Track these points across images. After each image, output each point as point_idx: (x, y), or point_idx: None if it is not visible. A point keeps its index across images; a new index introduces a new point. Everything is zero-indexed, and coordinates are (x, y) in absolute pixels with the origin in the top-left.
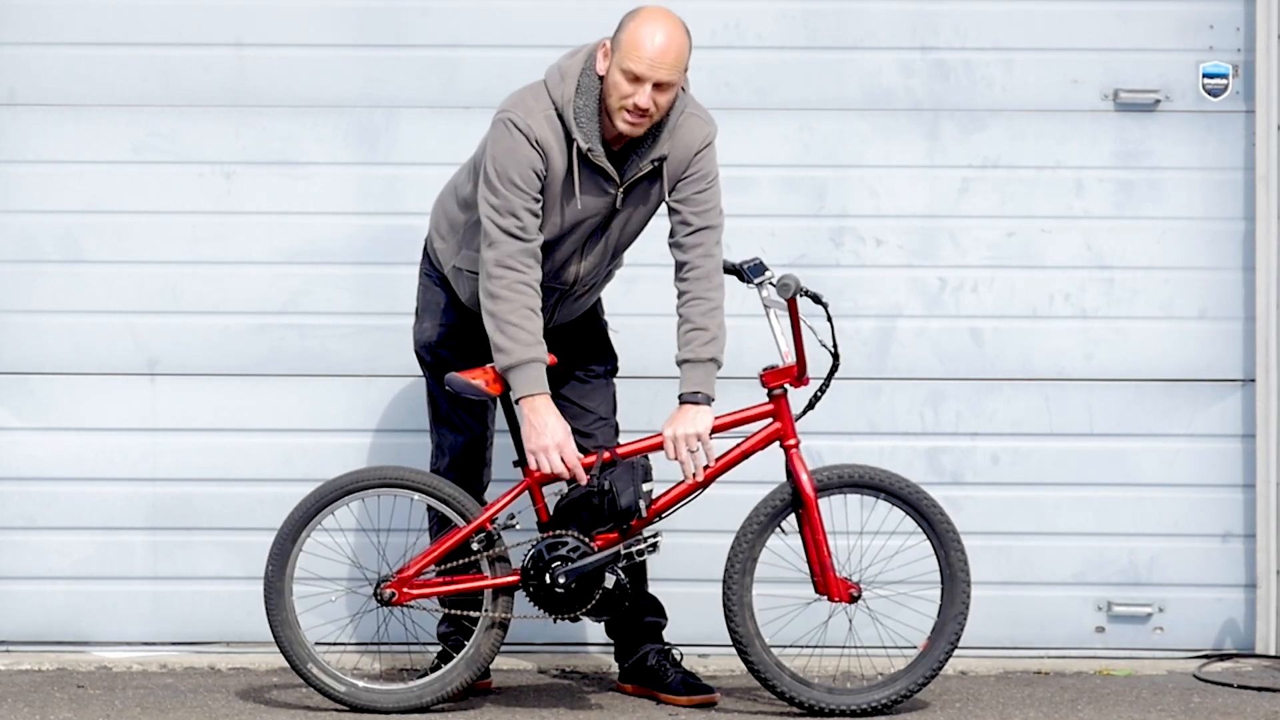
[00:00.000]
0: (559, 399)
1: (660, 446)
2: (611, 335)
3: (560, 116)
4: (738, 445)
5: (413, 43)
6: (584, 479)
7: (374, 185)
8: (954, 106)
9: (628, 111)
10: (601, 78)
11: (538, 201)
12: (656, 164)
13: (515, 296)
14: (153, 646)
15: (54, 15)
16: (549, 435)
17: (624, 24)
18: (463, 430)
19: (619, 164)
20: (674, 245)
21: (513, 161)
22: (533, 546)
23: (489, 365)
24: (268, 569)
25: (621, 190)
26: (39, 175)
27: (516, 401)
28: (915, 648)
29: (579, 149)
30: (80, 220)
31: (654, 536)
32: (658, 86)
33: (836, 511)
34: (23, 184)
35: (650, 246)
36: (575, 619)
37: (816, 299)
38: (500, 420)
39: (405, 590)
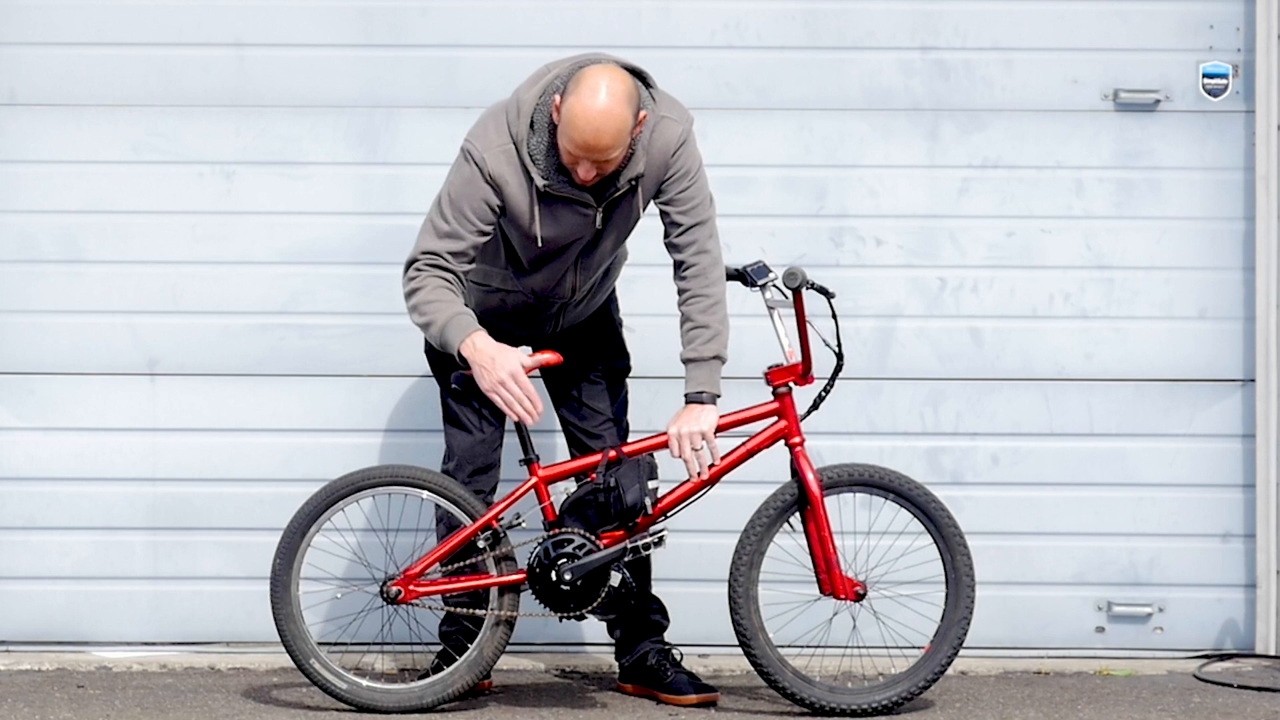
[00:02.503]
0: (568, 399)
1: (665, 445)
2: (626, 334)
3: (518, 150)
4: (743, 444)
5: (413, 43)
6: (534, 413)
7: (374, 185)
8: (954, 106)
9: (577, 170)
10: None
11: (485, 235)
12: (634, 182)
13: (435, 284)
14: (153, 646)
15: (54, 15)
16: (499, 367)
17: (568, 90)
18: (469, 429)
19: (594, 187)
20: (669, 245)
21: (467, 193)
22: (539, 544)
23: None
24: (275, 562)
25: (600, 211)
26: (39, 175)
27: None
28: (918, 649)
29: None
30: (80, 220)
31: (659, 530)
32: (599, 161)
33: (837, 512)
34: (23, 184)
35: (650, 246)
36: (581, 617)
37: (823, 291)
38: (507, 420)
39: (411, 588)
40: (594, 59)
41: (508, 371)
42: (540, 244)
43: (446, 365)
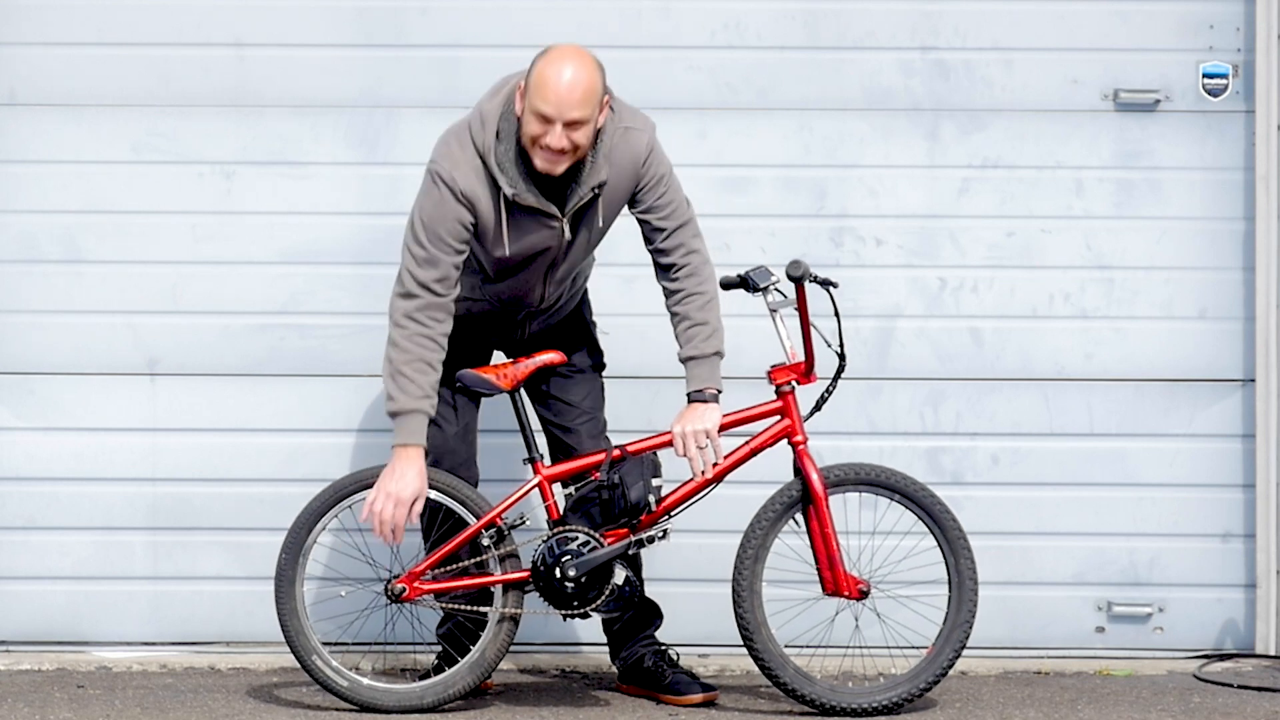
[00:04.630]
0: (543, 395)
1: (669, 444)
2: (600, 336)
3: (484, 162)
4: (746, 443)
5: (413, 43)
6: (399, 540)
7: (374, 185)
8: (954, 106)
9: (542, 149)
10: (519, 119)
11: (461, 253)
12: (598, 190)
13: (414, 349)
14: (153, 646)
15: (54, 15)
16: (398, 485)
17: (533, 64)
18: (440, 423)
19: (559, 193)
20: (654, 250)
21: (439, 216)
22: (543, 542)
23: (500, 362)
24: (281, 558)
25: (566, 221)
26: (39, 175)
27: (393, 448)
28: (920, 649)
29: (505, 195)
30: (80, 220)
31: (663, 527)
32: (569, 125)
33: (841, 511)
34: (23, 184)
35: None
36: (585, 615)
37: (826, 283)
38: (506, 420)
39: (415, 586)
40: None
41: (400, 495)
42: (507, 257)
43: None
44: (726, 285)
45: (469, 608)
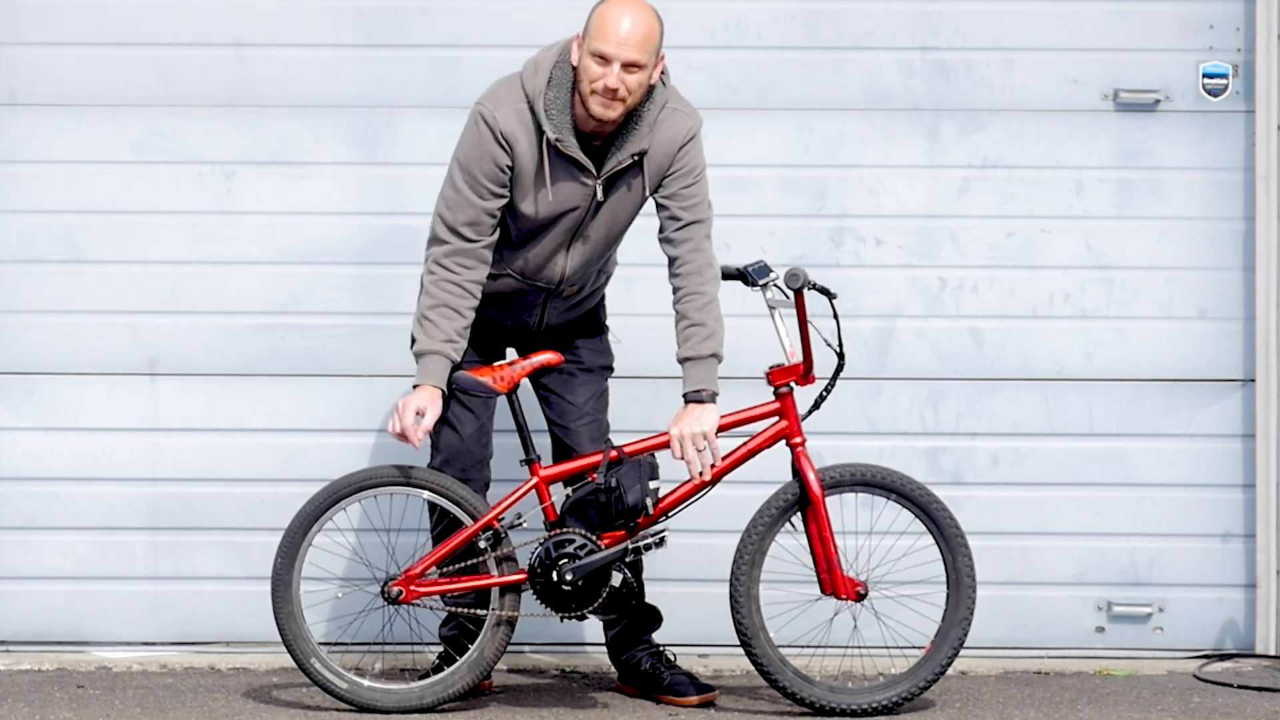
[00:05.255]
0: (548, 393)
1: (667, 445)
2: (612, 341)
3: (531, 108)
4: (744, 444)
5: (413, 43)
6: (416, 443)
7: (374, 185)
8: (954, 106)
9: (598, 95)
10: (575, 68)
11: (499, 199)
12: (637, 158)
13: (441, 294)
14: (153, 646)
15: (54, 15)
16: (410, 401)
17: (593, 10)
18: (456, 425)
19: (598, 157)
20: (664, 241)
21: (477, 155)
22: (540, 544)
23: (496, 364)
24: (276, 561)
25: (600, 183)
26: (39, 175)
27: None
28: (919, 649)
29: (549, 140)
30: (80, 220)
31: (661, 530)
32: (627, 67)
33: (839, 512)
34: (23, 184)
35: (649, 246)
36: (582, 617)
37: (825, 291)
38: (504, 419)
39: (412, 588)
40: None
41: (418, 404)
42: (537, 213)
43: None
44: (725, 275)
45: (467, 610)
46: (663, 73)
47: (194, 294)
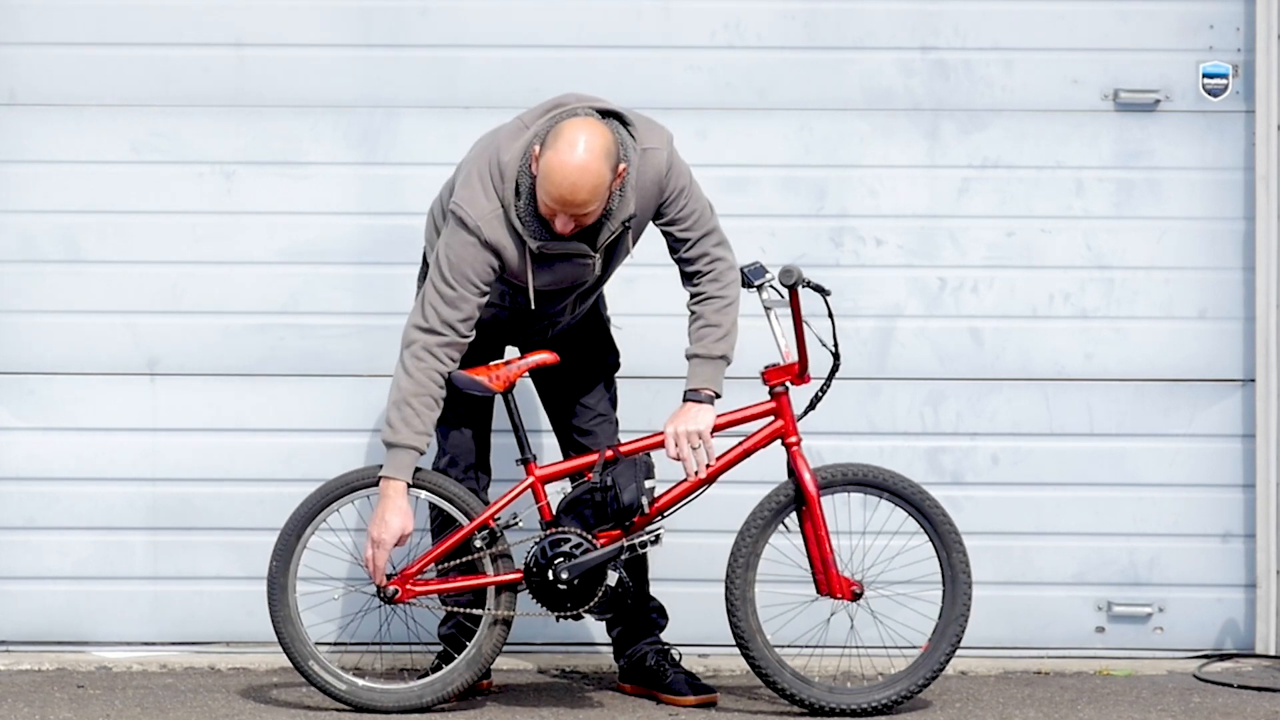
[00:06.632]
0: (559, 396)
1: (662, 444)
2: (614, 331)
3: (507, 216)
4: (740, 443)
5: (413, 43)
6: (381, 581)
7: (374, 185)
8: (954, 106)
9: (555, 222)
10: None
11: (486, 295)
12: (627, 224)
13: (426, 383)
14: (153, 646)
15: (54, 15)
16: (378, 530)
17: (546, 144)
18: (460, 426)
19: (590, 233)
20: (680, 260)
21: (469, 258)
22: (536, 544)
23: (492, 363)
24: (271, 565)
25: (598, 256)
26: (39, 175)
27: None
28: (916, 648)
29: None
30: (80, 220)
31: (657, 529)
32: (576, 215)
33: (833, 512)
34: (23, 184)
35: (649, 246)
36: (578, 617)
37: (819, 289)
38: (502, 419)
39: (408, 587)
40: (570, 110)
41: (383, 538)
42: (539, 287)
43: None
44: None
45: (463, 610)
46: (625, 122)
47: (194, 294)
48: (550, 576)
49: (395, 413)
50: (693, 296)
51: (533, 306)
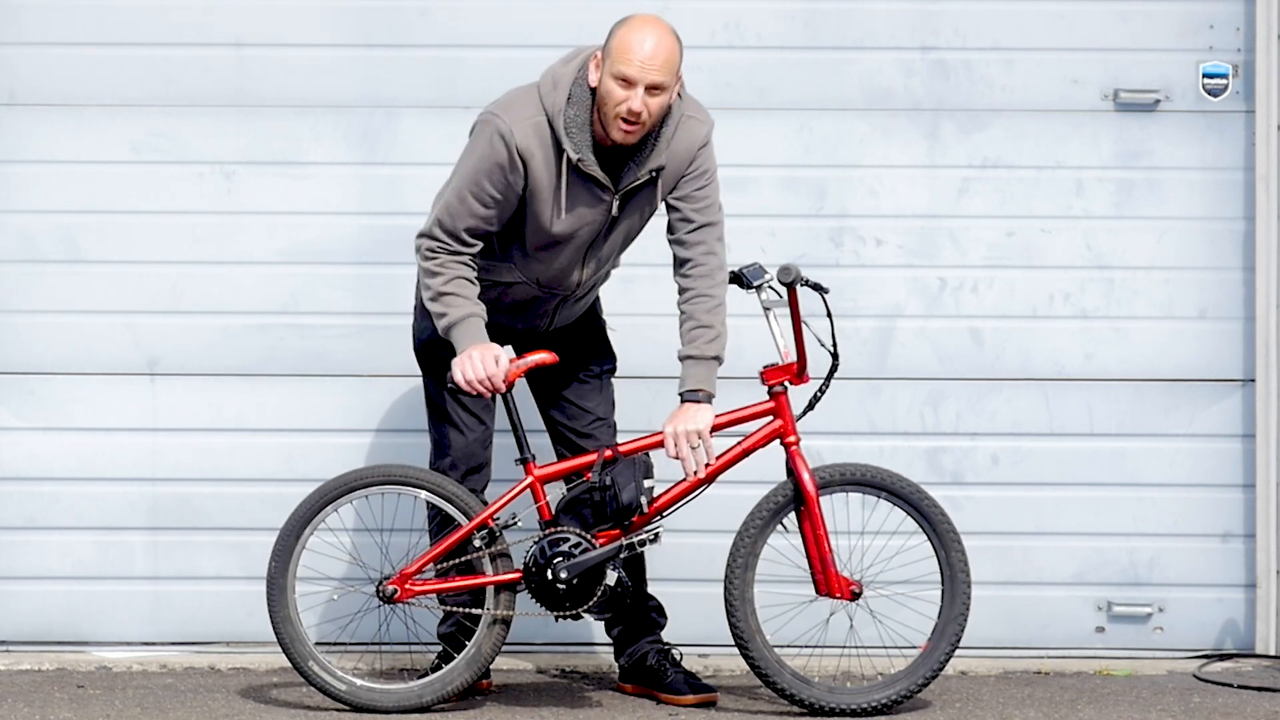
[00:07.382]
0: (558, 399)
1: (661, 444)
2: (610, 334)
3: (550, 124)
4: (739, 443)
5: (413, 43)
6: (501, 388)
7: (374, 185)
8: (954, 106)
9: (623, 120)
10: (593, 89)
11: (501, 209)
12: (654, 174)
13: (450, 271)
14: (153, 646)
15: (54, 15)
16: (482, 349)
17: (613, 32)
18: (463, 428)
19: (614, 171)
20: (675, 242)
21: (486, 168)
22: (535, 543)
23: None
24: (270, 565)
25: (617, 198)
26: (39, 175)
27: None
28: (916, 648)
29: (569, 159)
30: (80, 220)
31: (655, 528)
32: (650, 90)
33: (837, 511)
34: (23, 184)
35: (649, 246)
36: (577, 617)
37: (818, 287)
38: (501, 419)
39: (407, 587)
40: None
41: (492, 350)
42: (554, 226)
43: (438, 365)
44: None
45: (462, 609)
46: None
47: (194, 294)
48: (549, 576)
49: (438, 306)
50: (682, 291)
51: (552, 232)
